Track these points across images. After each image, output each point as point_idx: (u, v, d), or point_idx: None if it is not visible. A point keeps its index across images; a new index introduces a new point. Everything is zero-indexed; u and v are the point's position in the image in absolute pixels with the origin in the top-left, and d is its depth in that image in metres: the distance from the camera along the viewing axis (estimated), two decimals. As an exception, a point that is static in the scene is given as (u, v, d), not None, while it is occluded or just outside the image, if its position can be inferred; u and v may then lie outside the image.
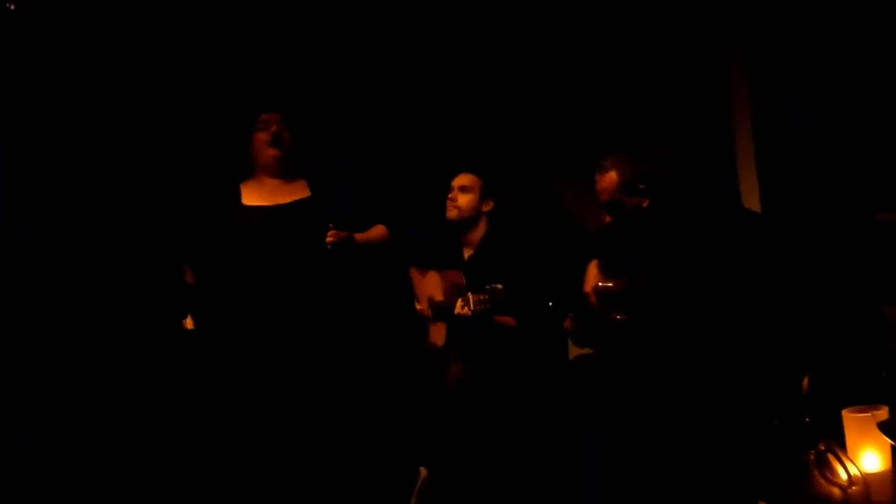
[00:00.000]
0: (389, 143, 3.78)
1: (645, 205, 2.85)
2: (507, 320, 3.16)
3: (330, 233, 2.86)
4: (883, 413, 2.13)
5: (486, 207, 3.36)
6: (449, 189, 3.37)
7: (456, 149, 3.55)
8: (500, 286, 2.97)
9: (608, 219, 2.95)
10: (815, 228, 2.93)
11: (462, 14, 3.67)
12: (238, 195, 2.98)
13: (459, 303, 3.07)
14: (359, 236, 2.98)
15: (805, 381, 2.31)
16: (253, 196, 2.99)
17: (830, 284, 2.71)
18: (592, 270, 2.95)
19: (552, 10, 3.68)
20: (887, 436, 2.06)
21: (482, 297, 3.00)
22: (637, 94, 3.57)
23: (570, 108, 3.75)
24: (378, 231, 3.09)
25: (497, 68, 3.78)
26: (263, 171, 3.03)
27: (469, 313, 3.03)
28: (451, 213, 3.35)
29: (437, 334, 3.34)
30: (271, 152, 2.99)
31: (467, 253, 3.41)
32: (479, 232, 3.38)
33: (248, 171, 3.06)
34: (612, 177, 2.83)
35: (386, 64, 3.73)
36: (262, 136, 3.00)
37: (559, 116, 3.80)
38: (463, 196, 3.34)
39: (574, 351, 3.15)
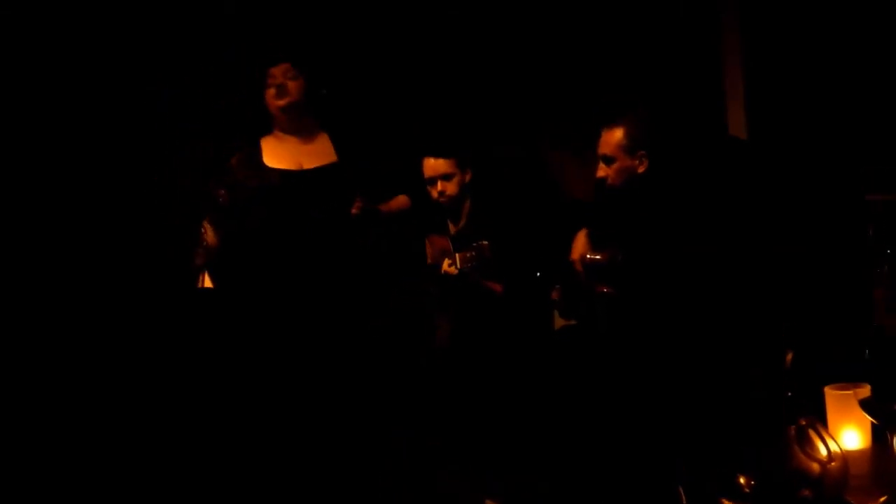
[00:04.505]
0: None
1: (641, 170, 2.85)
2: (494, 286, 3.21)
3: (356, 204, 2.87)
4: (865, 391, 2.15)
5: (468, 178, 3.39)
6: (429, 181, 3.37)
7: (454, 145, 3.54)
8: (485, 242, 3.02)
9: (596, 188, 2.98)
10: (804, 207, 2.92)
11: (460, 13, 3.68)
12: (259, 154, 2.97)
13: (447, 262, 3.13)
14: (383, 207, 3.00)
15: (788, 357, 2.32)
16: (275, 156, 2.98)
17: (817, 262, 2.71)
18: (581, 239, 2.97)
19: (551, 7, 3.67)
20: (868, 413, 2.09)
21: (469, 255, 3.06)
22: (636, 92, 3.57)
23: (569, 105, 3.75)
24: (400, 201, 3.12)
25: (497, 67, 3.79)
26: (278, 126, 3.03)
27: (456, 271, 3.07)
28: (448, 204, 3.37)
29: None
30: (278, 103, 2.97)
31: (452, 227, 3.45)
32: (464, 205, 3.41)
33: (266, 127, 3.05)
34: (618, 133, 2.85)
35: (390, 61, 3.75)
36: (269, 92, 2.99)
37: (558, 114, 3.81)
38: (449, 184, 3.36)
39: (560, 322, 3.20)
